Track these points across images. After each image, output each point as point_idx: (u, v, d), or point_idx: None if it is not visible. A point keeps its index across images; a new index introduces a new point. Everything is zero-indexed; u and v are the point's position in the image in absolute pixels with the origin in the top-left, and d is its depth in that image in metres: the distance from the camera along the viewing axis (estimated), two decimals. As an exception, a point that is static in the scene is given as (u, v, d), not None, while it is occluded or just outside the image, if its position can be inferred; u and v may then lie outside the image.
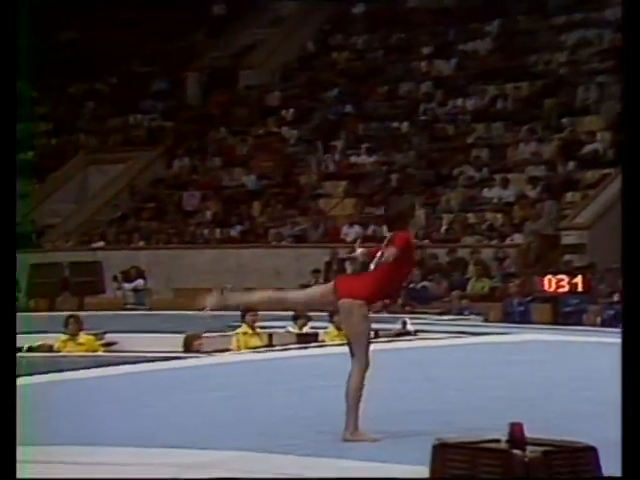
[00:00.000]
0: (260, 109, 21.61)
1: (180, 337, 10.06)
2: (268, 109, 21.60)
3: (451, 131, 19.46)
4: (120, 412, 6.26)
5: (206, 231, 19.40)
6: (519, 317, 14.07)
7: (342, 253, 17.52)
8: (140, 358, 8.98)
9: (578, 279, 13.70)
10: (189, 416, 5.96)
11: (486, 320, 13.86)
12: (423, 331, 11.18)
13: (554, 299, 14.27)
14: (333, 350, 9.32)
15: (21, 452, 4.60)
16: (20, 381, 7.22)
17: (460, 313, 14.54)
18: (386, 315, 14.09)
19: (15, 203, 4.44)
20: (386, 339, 10.33)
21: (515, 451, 3.74)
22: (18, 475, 3.91)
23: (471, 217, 17.77)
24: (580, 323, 13.32)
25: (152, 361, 8.64)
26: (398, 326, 11.26)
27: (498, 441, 3.89)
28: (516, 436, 3.86)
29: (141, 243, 19.45)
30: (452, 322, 12.98)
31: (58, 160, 22.02)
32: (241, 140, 21.08)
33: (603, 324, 12.73)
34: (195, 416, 5.92)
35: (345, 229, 18.31)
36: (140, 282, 17.41)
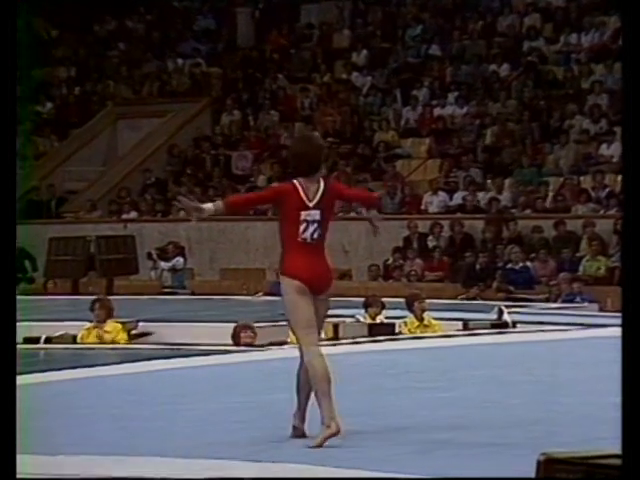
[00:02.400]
0: (326, 52, 21.54)
1: (228, 327, 10.12)
2: (335, 52, 21.50)
3: (561, 74, 19.14)
4: (155, 416, 6.32)
5: (259, 199, 19.44)
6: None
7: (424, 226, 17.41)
8: (180, 352, 9.06)
9: None
10: (240, 422, 5.99)
11: (602, 309, 13.66)
12: (524, 322, 11.05)
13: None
14: (412, 344, 9.29)
15: (36, 462, 4.66)
16: (36, 378, 7.35)
17: (570, 300, 14.37)
18: (478, 302, 13.99)
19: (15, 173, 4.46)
20: (478, 331, 10.24)
21: None
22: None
23: (585, 180, 17.50)
24: None
25: (194, 355, 8.71)
26: (493, 316, 11.17)
27: (618, 457, 3.81)
28: (641, 451, 3.77)
29: (181, 214, 19.60)
30: (560, 311, 12.82)
31: (82, 113, 22.32)
32: (302, 89, 21.06)
33: None
34: (244, 422, 5.94)
35: (428, 197, 18.20)
36: (180, 261, 17.59)
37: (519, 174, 17.90)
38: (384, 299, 11.27)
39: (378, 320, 11.02)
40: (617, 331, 10.71)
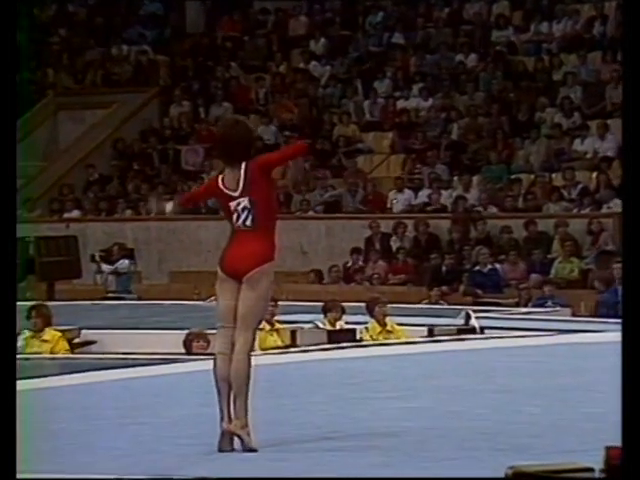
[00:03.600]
0: (281, 39, 21.57)
1: (178, 335, 10.12)
2: (292, 39, 21.54)
3: (532, 65, 19.31)
4: (97, 431, 6.32)
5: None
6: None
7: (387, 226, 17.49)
8: (125, 361, 9.04)
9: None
10: (188, 437, 6.00)
11: (575, 313, 13.81)
12: (492, 328, 11.15)
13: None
14: (374, 352, 9.34)
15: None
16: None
17: (541, 304, 14.51)
18: (444, 306, 14.09)
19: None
20: (443, 338, 10.32)
21: (612, 483, 3.75)
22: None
23: (557, 178, 17.67)
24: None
25: (140, 365, 8.70)
26: (460, 321, 11.26)
27: (591, 470, 3.90)
28: (613, 464, 3.86)
29: (127, 213, 19.58)
30: (530, 316, 12.94)
31: (19, 104, 22.16)
32: (257, 79, 21.07)
33: None
34: (193, 437, 5.96)
35: (391, 195, 18.29)
36: (125, 263, 17.53)
37: (487, 171, 18.04)
38: (344, 303, 11.32)
39: (338, 326, 11.06)
40: (590, 337, 10.82)
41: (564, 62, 19.03)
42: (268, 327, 10.69)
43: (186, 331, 10.04)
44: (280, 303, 11.08)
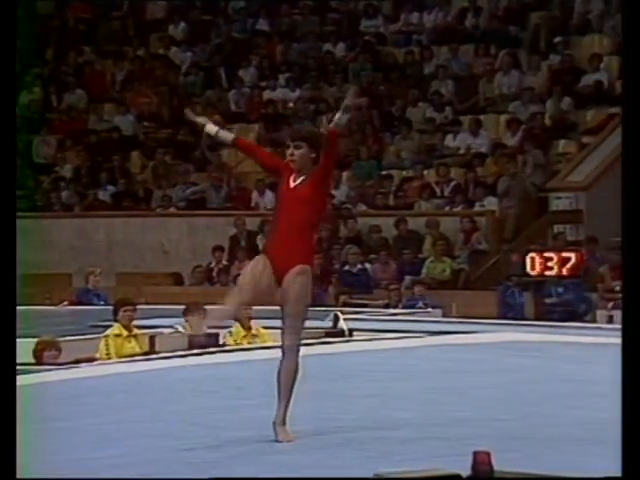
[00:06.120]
0: (138, 23, 21.43)
1: (27, 343, 9.99)
2: (149, 23, 21.42)
3: (402, 57, 19.60)
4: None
5: (65, 193, 19.23)
6: (521, 311, 14.37)
7: (252, 224, 17.57)
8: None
9: (572, 258, 14.09)
10: (37, 453, 5.96)
11: (446, 314, 14.10)
12: (361, 330, 11.31)
13: (539, 285, 14.60)
14: (239, 357, 9.40)
15: None
16: None
17: (412, 305, 14.76)
18: (312, 308, 14.20)
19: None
20: (310, 341, 10.44)
21: (478, 489, 3.89)
22: None
23: (429, 174, 17.99)
24: (573, 318, 13.69)
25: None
26: (328, 323, 11.39)
27: (458, 477, 4.02)
28: (481, 469, 4.00)
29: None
30: (400, 317, 13.16)
31: None
32: (113, 65, 20.89)
33: (610, 320, 13.14)
34: (37, 454, 5.92)
35: (257, 191, 18.35)
36: (-30, 264, 17.17)
37: (357, 167, 18.25)
38: (208, 306, 11.32)
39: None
40: (462, 339, 11.02)
41: (435, 54, 19.37)
42: (125, 333, 10.64)
43: (36, 339, 9.93)
44: (139, 307, 11.04)
